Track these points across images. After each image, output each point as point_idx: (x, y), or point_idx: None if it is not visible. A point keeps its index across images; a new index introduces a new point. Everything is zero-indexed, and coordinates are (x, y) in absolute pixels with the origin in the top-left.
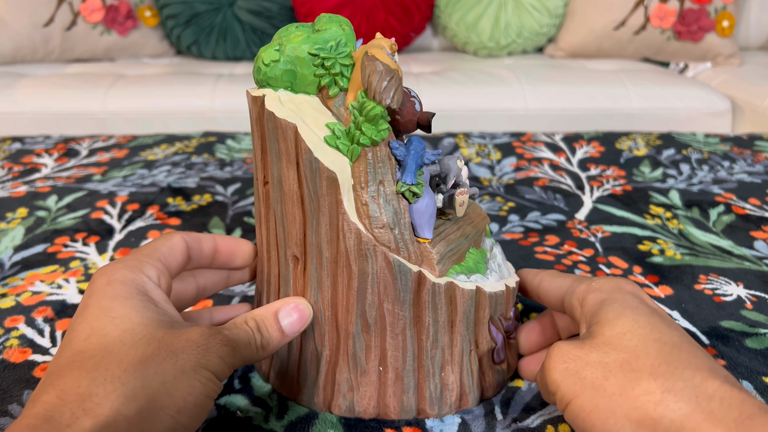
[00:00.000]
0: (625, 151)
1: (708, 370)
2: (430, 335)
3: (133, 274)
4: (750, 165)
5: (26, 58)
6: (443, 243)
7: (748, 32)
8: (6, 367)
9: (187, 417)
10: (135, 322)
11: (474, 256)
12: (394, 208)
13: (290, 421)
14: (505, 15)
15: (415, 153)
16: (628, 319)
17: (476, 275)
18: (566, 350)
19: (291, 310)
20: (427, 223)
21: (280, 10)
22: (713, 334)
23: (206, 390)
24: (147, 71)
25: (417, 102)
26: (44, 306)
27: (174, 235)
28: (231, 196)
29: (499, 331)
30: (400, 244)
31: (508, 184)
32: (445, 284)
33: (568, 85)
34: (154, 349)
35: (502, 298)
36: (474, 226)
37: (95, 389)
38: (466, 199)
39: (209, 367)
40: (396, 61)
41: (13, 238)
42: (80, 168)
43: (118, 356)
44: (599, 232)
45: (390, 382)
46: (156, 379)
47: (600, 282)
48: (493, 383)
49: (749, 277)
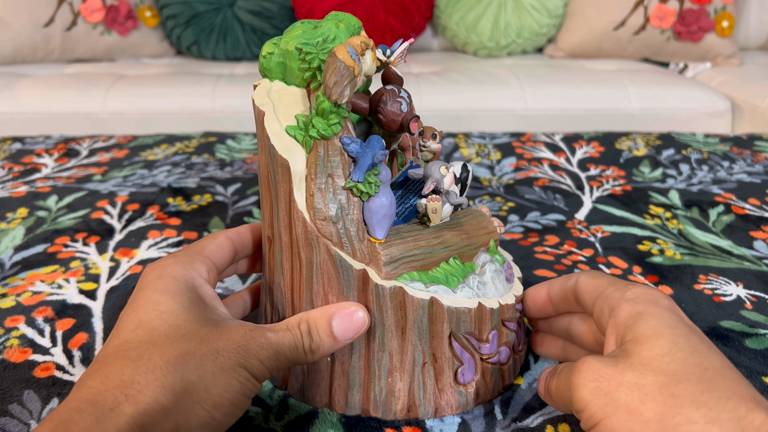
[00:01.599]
0: (624, 151)
1: (752, 401)
2: (376, 337)
3: (183, 270)
4: (749, 165)
5: (26, 58)
6: (401, 247)
7: (747, 32)
8: (6, 367)
9: (222, 413)
10: (181, 318)
11: (450, 268)
12: (340, 203)
13: (290, 421)
14: (505, 15)
15: (370, 151)
16: (667, 339)
17: (439, 286)
18: (598, 368)
19: (347, 316)
20: (379, 224)
21: (280, 10)
22: (713, 335)
23: (243, 389)
24: (147, 71)
25: (404, 102)
26: (44, 306)
27: (219, 234)
28: (231, 196)
29: (466, 350)
30: (343, 239)
31: (508, 184)
32: (392, 288)
33: (567, 86)
34: (196, 345)
35: (468, 316)
36: (466, 239)
37: (137, 377)
38: (438, 206)
39: (248, 367)
40: (362, 60)
41: (14, 238)
42: (80, 168)
43: (162, 349)
44: (599, 232)
45: (337, 375)
46: (195, 373)
47: (636, 291)
48: (452, 403)
49: (749, 277)
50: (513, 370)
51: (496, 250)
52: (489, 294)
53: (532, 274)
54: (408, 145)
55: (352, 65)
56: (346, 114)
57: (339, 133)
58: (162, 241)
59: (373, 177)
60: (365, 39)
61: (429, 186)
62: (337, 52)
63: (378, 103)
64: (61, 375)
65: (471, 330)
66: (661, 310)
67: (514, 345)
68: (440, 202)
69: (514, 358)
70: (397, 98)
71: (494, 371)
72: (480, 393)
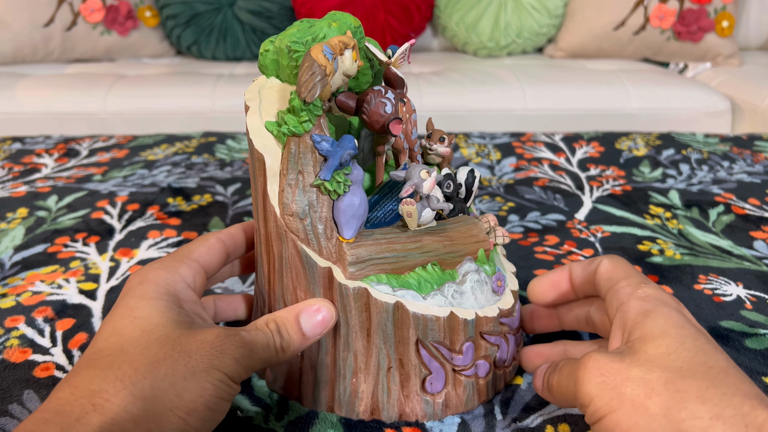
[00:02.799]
0: (624, 151)
1: (756, 398)
2: (341, 336)
3: (166, 274)
4: (749, 165)
5: (26, 58)
6: (372, 248)
7: (747, 32)
8: (6, 367)
9: (197, 419)
10: (154, 323)
11: (426, 274)
12: (309, 200)
13: (290, 421)
14: (505, 15)
15: (340, 150)
16: (674, 338)
17: (408, 291)
18: (604, 362)
19: (313, 313)
20: (347, 223)
21: (280, 10)
22: (713, 334)
23: (218, 392)
24: (147, 71)
25: (389, 104)
26: (44, 306)
27: (210, 236)
28: (231, 196)
29: (435, 359)
30: (310, 236)
31: (508, 184)
32: (356, 288)
33: (567, 85)
34: (168, 350)
35: (436, 324)
36: (449, 245)
37: (105, 386)
38: (412, 210)
39: (223, 368)
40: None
41: (14, 238)
42: (80, 168)
43: (131, 356)
44: (599, 232)
45: (306, 370)
46: (166, 380)
47: (646, 290)
48: (417, 411)
49: (749, 277)
50: (493, 385)
51: (486, 259)
52: (466, 304)
53: (532, 274)
54: (402, 148)
55: (323, 64)
56: (319, 112)
57: (310, 130)
58: (162, 241)
59: (343, 176)
60: (346, 39)
61: (406, 189)
62: (311, 51)
63: (363, 102)
64: (61, 375)
65: (440, 339)
66: (669, 310)
67: (497, 360)
68: (414, 206)
69: (495, 373)
70: (382, 99)
71: (469, 384)
72: (451, 405)
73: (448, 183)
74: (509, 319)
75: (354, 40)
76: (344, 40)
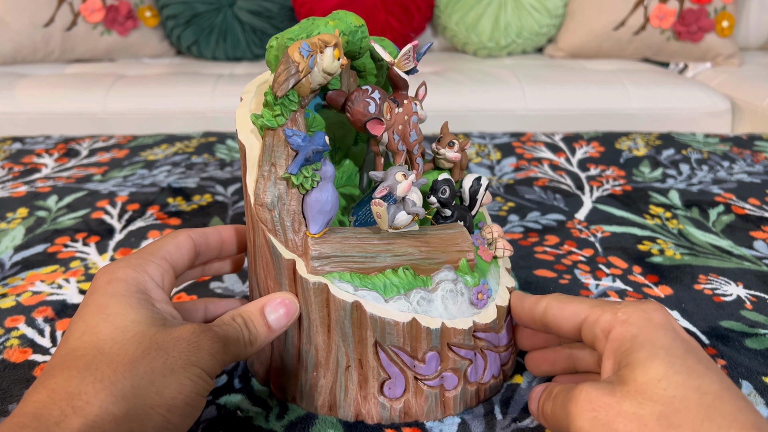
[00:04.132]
0: (624, 151)
1: (754, 428)
2: (304, 329)
3: (134, 273)
4: (749, 165)
5: (26, 58)
6: (338, 245)
7: (747, 32)
8: (6, 366)
9: (177, 415)
10: (128, 319)
11: (395, 277)
12: (279, 192)
13: (290, 421)
14: (505, 15)
15: (310, 146)
16: (663, 362)
17: (371, 293)
18: (596, 396)
19: (277, 306)
20: (313, 218)
21: (280, 10)
22: (713, 334)
23: (197, 388)
24: (147, 71)
25: (372, 103)
26: (44, 306)
27: (180, 234)
28: (231, 196)
29: (395, 364)
30: (278, 227)
31: (508, 184)
32: (316, 283)
33: (567, 85)
34: (145, 348)
35: (395, 328)
36: (426, 252)
37: (85, 388)
38: (381, 212)
39: (200, 364)
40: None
41: (14, 238)
42: (80, 168)
43: (109, 355)
44: (599, 232)
45: (275, 358)
46: (145, 378)
47: (627, 311)
48: (373, 414)
49: (749, 277)
50: (463, 400)
51: (470, 270)
52: (433, 312)
53: (531, 274)
54: (397, 149)
55: (297, 61)
56: (294, 107)
57: (284, 124)
58: None
59: (311, 171)
60: (328, 37)
61: (380, 190)
62: (289, 49)
63: (347, 101)
64: None
65: (400, 344)
66: (655, 329)
67: (468, 374)
68: (383, 208)
69: (467, 389)
70: (366, 98)
71: (432, 395)
72: (410, 413)
73: (443, 189)
74: (489, 334)
75: (337, 38)
76: (325, 38)
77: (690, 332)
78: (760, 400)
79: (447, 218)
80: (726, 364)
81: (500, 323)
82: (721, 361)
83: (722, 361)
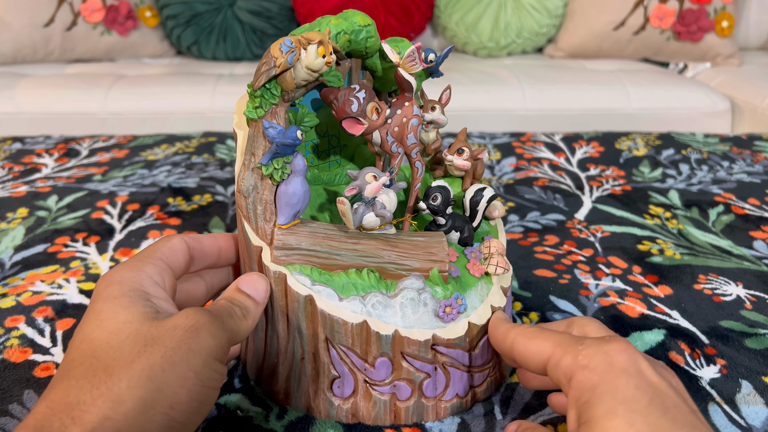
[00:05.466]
0: (624, 151)
1: None
2: (269, 315)
3: (131, 273)
4: (749, 165)
5: (27, 58)
6: (303, 239)
7: (747, 32)
8: (6, 366)
9: (182, 413)
10: (120, 320)
11: (357, 278)
12: (254, 181)
13: (290, 421)
14: (505, 15)
15: (282, 139)
16: (622, 420)
17: (327, 289)
18: None
19: (250, 280)
20: (281, 209)
21: (280, 10)
22: (713, 334)
23: (201, 379)
24: (147, 71)
25: (355, 102)
26: (44, 306)
27: (173, 237)
28: (231, 196)
29: (344, 364)
30: (251, 214)
31: (508, 184)
32: (276, 272)
33: (567, 86)
34: (141, 346)
35: (343, 328)
36: (394, 257)
37: (83, 397)
38: (345, 210)
39: (202, 350)
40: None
41: (14, 238)
42: (80, 168)
43: (105, 361)
44: (599, 231)
45: (249, 340)
46: (143, 376)
47: (588, 355)
48: (321, 410)
49: (748, 277)
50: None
51: (444, 282)
52: (389, 319)
53: (531, 274)
54: (390, 151)
55: (276, 56)
56: (275, 101)
57: (263, 116)
58: None
59: (281, 163)
60: (313, 34)
61: (349, 189)
62: (273, 45)
63: (334, 98)
64: None
65: (349, 345)
66: (617, 376)
67: (425, 387)
68: (346, 206)
69: (423, 403)
70: (350, 97)
71: (381, 402)
72: (358, 415)
73: (435, 195)
74: (454, 351)
75: (323, 36)
76: (309, 35)
77: (690, 332)
78: (760, 400)
79: (440, 226)
80: (726, 364)
81: (472, 342)
82: (720, 361)
83: (722, 360)
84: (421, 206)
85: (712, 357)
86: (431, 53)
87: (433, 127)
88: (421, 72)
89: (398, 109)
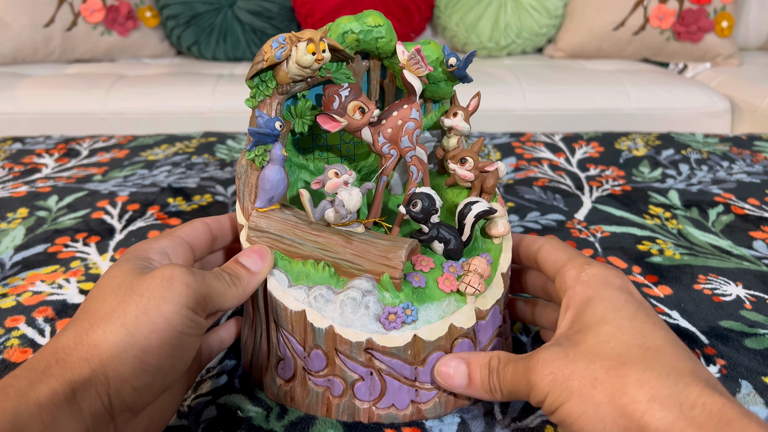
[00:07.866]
0: (624, 152)
1: (690, 375)
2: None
3: (144, 245)
4: (749, 165)
5: (27, 58)
6: (273, 224)
7: (747, 33)
8: (6, 367)
9: (154, 356)
10: (110, 276)
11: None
12: (247, 164)
13: (290, 421)
14: (505, 16)
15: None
16: (612, 324)
17: (281, 273)
18: (550, 360)
19: (249, 252)
20: (259, 194)
21: (280, 10)
22: (713, 334)
23: (172, 325)
24: (147, 72)
25: (337, 100)
26: (45, 306)
27: (195, 221)
28: (231, 196)
29: (287, 347)
30: (240, 195)
31: (508, 184)
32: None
33: (567, 86)
34: (122, 296)
35: (284, 312)
36: (350, 255)
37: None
38: (304, 201)
39: (174, 298)
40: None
41: (14, 238)
42: (81, 168)
43: (90, 312)
44: (598, 232)
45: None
46: (117, 323)
47: (590, 273)
48: (269, 388)
49: (748, 277)
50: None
51: (396, 290)
52: (327, 313)
53: None
54: (381, 152)
55: (265, 51)
56: (268, 92)
57: (257, 105)
58: None
59: (262, 151)
60: (306, 32)
61: (314, 182)
62: (264, 46)
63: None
64: None
65: (288, 329)
66: (610, 291)
67: (356, 390)
68: (305, 198)
69: (353, 404)
70: (334, 94)
71: (315, 393)
72: (295, 399)
73: (415, 202)
74: (392, 360)
75: (314, 33)
76: (301, 33)
77: (689, 332)
78: (760, 400)
79: (422, 234)
80: (725, 364)
81: (417, 355)
82: (720, 361)
83: (722, 360)
84: (401, 210)
85: (711, 357)
86: (452, 56)
87: (454, 134)
88: (442, 76)
89: (395, 110)
